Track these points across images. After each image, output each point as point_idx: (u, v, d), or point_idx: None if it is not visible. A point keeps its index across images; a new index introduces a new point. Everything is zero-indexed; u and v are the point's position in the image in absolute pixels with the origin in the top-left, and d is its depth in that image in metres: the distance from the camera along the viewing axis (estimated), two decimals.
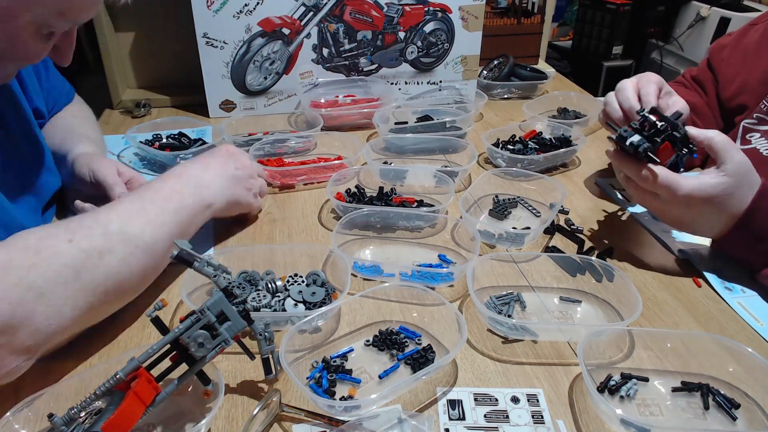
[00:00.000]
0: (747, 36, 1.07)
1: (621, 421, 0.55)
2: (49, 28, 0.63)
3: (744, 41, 1.07)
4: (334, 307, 0.69)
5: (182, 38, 1.26)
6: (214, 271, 0.56)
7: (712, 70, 1.11)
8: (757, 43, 1.04)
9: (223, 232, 0.88)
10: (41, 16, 0.61)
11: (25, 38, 0.62)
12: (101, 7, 0.68)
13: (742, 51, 1.06)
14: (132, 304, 0.71)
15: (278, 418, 0.57)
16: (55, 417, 0.48)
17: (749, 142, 0.94)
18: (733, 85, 1.04)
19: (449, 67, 1.33)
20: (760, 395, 0.60)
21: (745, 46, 1.06)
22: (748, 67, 1.03)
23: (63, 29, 0.66)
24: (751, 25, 1.09)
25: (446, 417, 0.58)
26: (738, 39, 1.09)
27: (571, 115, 1.30)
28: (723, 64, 1.08)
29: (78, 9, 0.63)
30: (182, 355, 0.54)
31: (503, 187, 0.99)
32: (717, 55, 1.11)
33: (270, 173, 1.00)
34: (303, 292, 0.71)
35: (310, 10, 1.20)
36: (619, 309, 0.72)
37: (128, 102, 1.33)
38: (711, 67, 1.12)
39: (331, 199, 0.89)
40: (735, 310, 0.73)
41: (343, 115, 1.22)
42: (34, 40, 0.63)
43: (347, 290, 0.69)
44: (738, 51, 1.07)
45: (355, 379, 0.62)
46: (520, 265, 0.80)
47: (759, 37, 1.04)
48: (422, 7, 1.25)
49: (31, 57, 0.66)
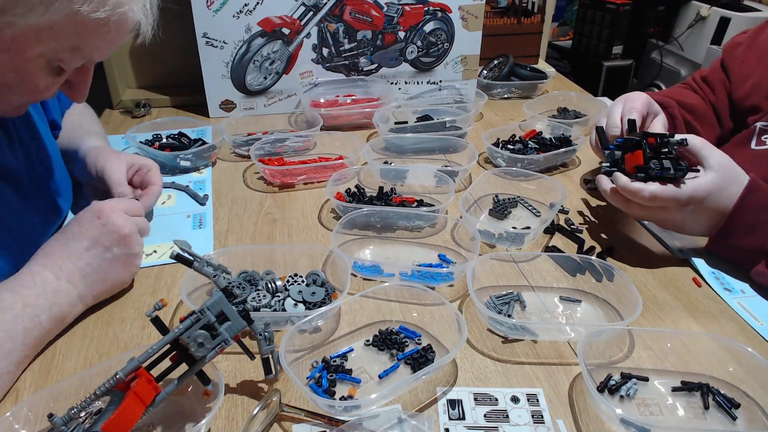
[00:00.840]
0: (763, 34, 1.06)
1: (621, 421, 0.55)
2: (61, 62, 0.62)
3: (759, 39, 1.06)
4: (333, 307, 0.69)
5: (182, 38, 1.26)
6: (214, 271, 0.57)
7: (725, 69, 1.10)
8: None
9: (223, 232, 0.88)
10: (54, 50, 0.59)
11: (34, 71, 0.61)
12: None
13: (757, 49, 1.05)
14: (132, 304, 0.72)
15: (278, 418, 0.57)
16: (55, 417, 0.48)
17: (764, 143, 0.94)
18: (746, 84, 1.03)
19: (449, 66, 1.33)
20: (760, 395, 0.60)
21: (760, 44, 1.05)
22: (764, 66, 1.02)
23: (75, 65, 0.64)
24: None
25: (446, 417, 0.58)
26: (753, 37, 1.08)
27: (571, 115, 1.30)
28: (737, 62, 1.07)
29: (93, 47, 0.62)
30: (182, 355, 0.54)
31: (503, 186, 0.99)
32: (731, 53, 1.10)
33: (270, 172, 1.00)
34: (303, 292, 0.71)
35: (310, 9, 1.20)
36: (619, 309, 0.72)
37: (128, 102, 1.33)
38: (724, 66, 1.10)
39: (331, 199, 0.89)
40: (735, 310, 0.73)
41: (343, 115, 1.22)
42: (44, 73, 0.62)
43: (347, 290, 0.69)
44: (753, 49, 1.05)
45: (355, 378, 0.62)
46: (520, 264, 0.80)
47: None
48: (422, 6, 1.25)
49: (42, 90, 0.64)
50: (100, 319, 0.69)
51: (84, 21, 0.57)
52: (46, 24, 0.56)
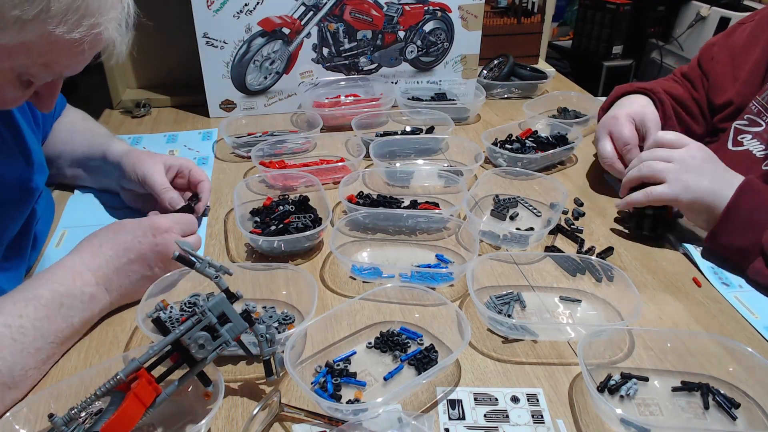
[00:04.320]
0: (735, 35, 1.07)
1: (621, 421, 0.55)
2: (31, 77, 0.60)
3: (732, 40, 1.07)
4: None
5: (182, 38, 1.26)
6: (216, 272, 0.56)
7: (702, 69, 1.11)
8: (745, 42, 1.04)
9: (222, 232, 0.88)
10: (24, 66, 0.58)
11: (2, 83, 0.59)
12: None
13: (729, 50, 1.06)
14: (132, 304, 0.71)
15: (278, 418, 0.57)
16: (55, 417, 0.48)
17: (741, 144, 0.94)
18: (722, 85, 1.05)
19: (449, 66, 1.33)
20: (760, 395, 0.60)
21: (732, 44, 1.06)
22: (736, 67, 1.03)
23: (44, 80, 0.62)
24: (740, 24, 1.09)
25: (446, 417, 0.58)
26: (726, 38, 1.09)
27: (571, 115, 1.30)
28: (712, 63, 1.08)
29: (64, 64, 0.60)
30: (183, 356, 0.54)
31: (503, 186, 0.99)
32: (706, 54, 1.11)
33: (271, 176, 0.99)
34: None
35: (310, 9, 1.20)
36: (619, 309, 0.72)
37: (128, 102, 1.33)
38: (701, 66, 1.12)
39: (343, 201, 0.89)
40: (732, 304, 0.74)
41: (346, 115, 1.22)
42: (13, 86, 0.60)
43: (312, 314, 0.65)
44: (726, 49, 1.07)
45: (359, 381, 0.62)
46: (520, 264, 0.80)
47: (747, 36, 1.04)
48: (422, 6, 1.25)
49: (8, 102, 0.63)
50: (100, 319, 0.69)
51: (58, 41, 0.56)
52: (18, 42, 0.54)
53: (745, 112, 0.96)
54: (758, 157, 0.90)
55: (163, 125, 1.26)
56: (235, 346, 0.58)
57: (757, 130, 0.93)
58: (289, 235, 0.80)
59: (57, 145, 0.95)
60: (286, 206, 0.88)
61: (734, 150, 0.95)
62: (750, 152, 0.92)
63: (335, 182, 1.00)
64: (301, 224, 0.83)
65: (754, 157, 0.91)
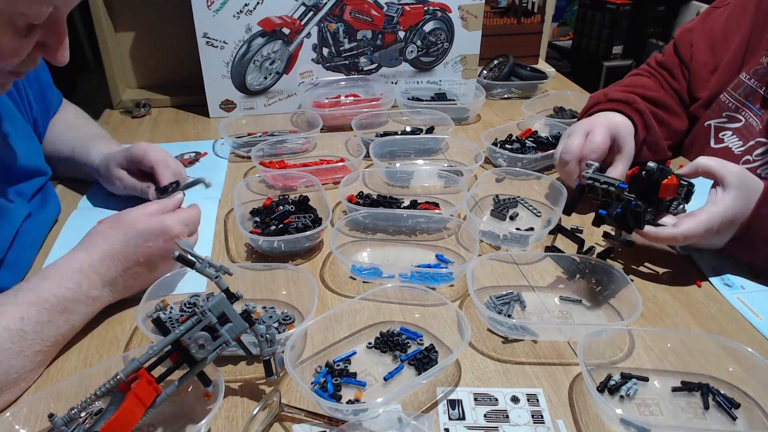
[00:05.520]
0: (710, 20, 1.06)
1: (621, 421, 0.55)
2: (24, 19, 0.56)
3: (709, 26, 1.05)
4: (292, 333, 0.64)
5: (182, 38, 1.26)
6: (216, 272, 0.56)
7: (680, 57, 1.08)
8: (724, 29, 1.02)
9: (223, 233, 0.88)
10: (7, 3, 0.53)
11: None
12: None
13: (708, 37, 1.04)
14: (132, 304, 0.71)
15: (278, 418, 0.57)
16: (55, 417, 0.48)
17: (722, 141, 0.95)
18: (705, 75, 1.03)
19: (449, 66, 1.33)
20: (760, 395, 0.60)
21: (710, 31, 1.04)
22: (717, 56, 1.02)
23: (40, 18, 0.57)
24: (714, 8, 1.07)
25: (446, 417, 0.58)
26: (702, 23, 1.07)
27: (567, 114, 1.30)
28: (691, 51, 1.06)
29: None
30: (183, 356, 0.54)
31: (503, 186, 0.99)
32: (684, 40, 1.08)
33: (271, 176, 1.00)
34: None
35: (310, 9, 1.20)
36: (619, 309, 0.72)
37: (128, 102, 1.33)
38: (678, 53, 1.09)
39: (343, 201, 0.89)
40: (734, 305, 0.74)
41: (346, 115, 1.22)
42: (7, 33, 0.56)
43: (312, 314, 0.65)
44: (704, 36, 1.05)
45: (360, 382, 0.62)
46: (520, 265, 0.80)
47: (725, 22, 1.03)
48: (422, 6, 1.25)
49: (8, 54, 0.58)
50: (100, 319, 0.69)
51: None
52: None
53: (722, 109, 0.96)
54: (737, 154, 0.91)
55: (163, 125, 1.26)
56: (235, 346, 0.58)
57: (736, 126, 0.93)
58: (289, 235, 0.80)
59: (47, 146, 0.97)
60: (286, 206, 0.88)
61: (716, 147, 0.95)
62: (730, 149, 0.93)
63: (335, 182, 1.00)
64: (301, 224, 0.83)
65: (733, 154, 0.92)
